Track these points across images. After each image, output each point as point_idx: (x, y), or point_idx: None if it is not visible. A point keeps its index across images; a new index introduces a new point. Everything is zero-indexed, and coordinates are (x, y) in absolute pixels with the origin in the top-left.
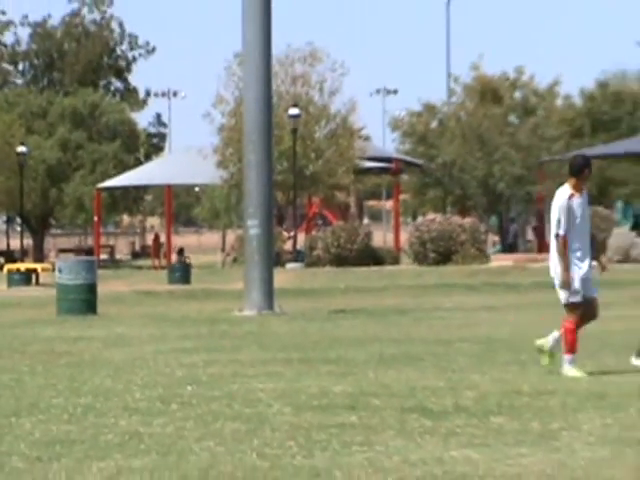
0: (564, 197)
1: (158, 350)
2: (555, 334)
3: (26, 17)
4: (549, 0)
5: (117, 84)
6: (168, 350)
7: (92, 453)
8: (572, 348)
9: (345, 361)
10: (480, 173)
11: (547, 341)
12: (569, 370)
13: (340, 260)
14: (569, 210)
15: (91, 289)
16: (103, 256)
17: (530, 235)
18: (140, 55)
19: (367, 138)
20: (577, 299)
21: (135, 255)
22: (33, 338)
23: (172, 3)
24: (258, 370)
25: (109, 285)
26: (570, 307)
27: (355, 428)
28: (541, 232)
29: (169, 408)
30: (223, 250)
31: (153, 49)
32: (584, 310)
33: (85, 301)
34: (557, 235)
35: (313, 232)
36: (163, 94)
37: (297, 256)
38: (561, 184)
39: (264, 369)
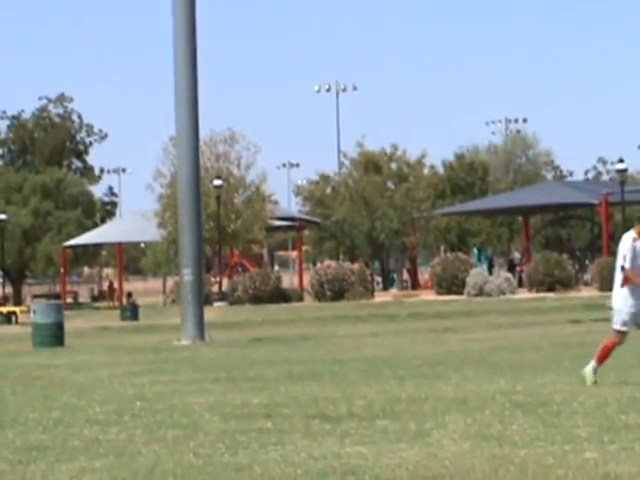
0: (629, 239)
1: (113, 373)
2: (593, 363)
3: (4, 112)
4: (416, 89)
5: (77, 164)
6: (121, 373)
7: (62, 457)
8: (602, 359)
9: (262, 378)
10: (365, 228)
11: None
12: (589, 374)
13: (256, 299)
14: (633, 250)
15: (59, 326)
16: (69, 300)
17: (405, 276)
18: (95, 140)
19: (276, 202)
20: (624, 329)
21: (94, 299)
22: (14, 366)
23: (122, 97)
24: (193, 387)
25: (74, 323)
26: (616, 332)
27: (270, 432)
28: (415, 273)
29: (122, 419)
30: (164, 293)
31: (105, 135)
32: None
33: (55, 336)
34: (622, 268)
35: (235, 277)
36: (114, 171)
37: (222, 296)
38: (427, 234)
39: (198, 386)
